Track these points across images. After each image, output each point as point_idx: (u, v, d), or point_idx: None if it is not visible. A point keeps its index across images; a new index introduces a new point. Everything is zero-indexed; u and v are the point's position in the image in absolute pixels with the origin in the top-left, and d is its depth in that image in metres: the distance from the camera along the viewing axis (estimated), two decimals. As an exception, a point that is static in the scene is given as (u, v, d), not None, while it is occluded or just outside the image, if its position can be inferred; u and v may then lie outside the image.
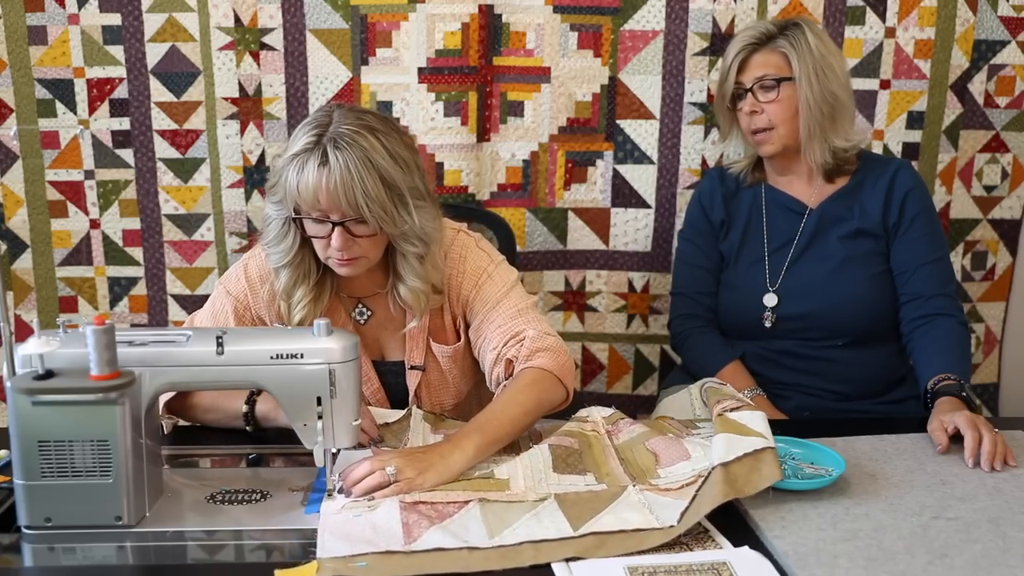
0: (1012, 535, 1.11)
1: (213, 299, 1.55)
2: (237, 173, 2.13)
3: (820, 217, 1.79)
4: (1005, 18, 2.09)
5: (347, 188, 1.31)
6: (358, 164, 1.31)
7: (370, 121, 1.36)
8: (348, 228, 1.36)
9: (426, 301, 1.48)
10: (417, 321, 1.51)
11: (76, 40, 2.06)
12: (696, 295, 1.88)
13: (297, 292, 1.46)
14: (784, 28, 1.75)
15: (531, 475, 1.23)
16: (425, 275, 1.45)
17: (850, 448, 1.35)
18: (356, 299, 1.55)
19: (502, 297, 1.50)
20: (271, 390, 1.20)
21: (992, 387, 2.33)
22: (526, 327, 1.46)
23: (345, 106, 1.40)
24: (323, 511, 1.15)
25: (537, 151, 2.16)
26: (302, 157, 1.33)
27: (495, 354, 1.47)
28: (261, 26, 2.06)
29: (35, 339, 1.11)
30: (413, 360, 1.55)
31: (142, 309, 2.21)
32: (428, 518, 1.12)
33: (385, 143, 1.34)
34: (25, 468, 1.12)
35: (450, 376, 1.57)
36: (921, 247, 1.73)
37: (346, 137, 1.32)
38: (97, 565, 1.10)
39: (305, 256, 1.45)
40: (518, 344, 1.45)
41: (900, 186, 1.75)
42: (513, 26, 2.08)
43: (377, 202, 1.33)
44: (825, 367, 1.76)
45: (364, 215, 1.33)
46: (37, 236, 2.15)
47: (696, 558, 1.05)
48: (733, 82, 1.77)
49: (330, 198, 1.32)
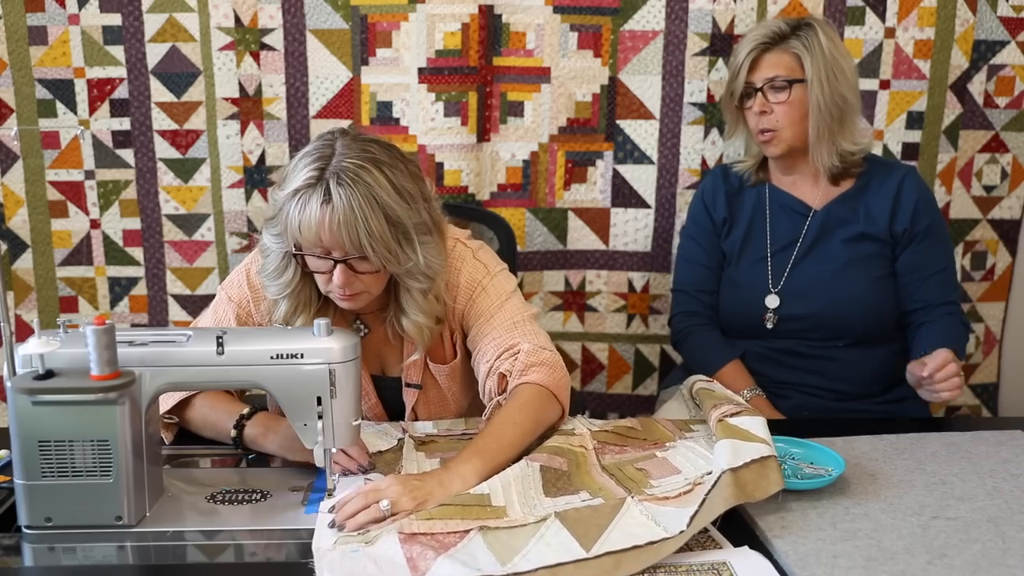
0: (1012, 535, 1.11)
1: (215, 305, 1.52)
2: (237, 173, 2.13)
3: (824, 219, 1.78)
4: (1005, 18, 2.10)
5: (350, 228, 1.26)
6: (362, 202, 1.26)
7: (375, 153, 1.31)
8: (351, 265, 1.32)
9: (429, 335, 1.44)
10: (419, 354, 1.48)
11: (76, 40, 2.06)
12: (696, 292, 1.88)
13: (297, 321, 1.42)
14: (796, 28, 1.73)
15: (525, 501, 1.17)
16: (429, 309, 1.41)
17: (850, 448, 1.35)
18: (355, 315, 1.52)
19: (496, 310, 1.46)
20: (271, 390, 1.20)
21: (992, 387, 2.33)
22: (521, 340, 1.42)
23: (349, 134, 1.34)
24: (315, 547, 1.07)
25: (537, 151, 2.16)
26: (304, 193, 1.27)
27: (488, 367, 1.42)
28: (261, 26, 2.06)
29: (35, 339, 1.11)
30: (410, 379, 1.52)
31: (142, 309, 2.22)
32: (432, 548, 1.04)
33: (390, 177, 1.29)
34: (25, 468, 1.12)
35: (450, 393, 1.55)
36: (931, 256, 1.75)
37: (350, 172, 1.26)
38: (97, 565, 1.10)
39: (305, 287, 1.41)
40: (512, 358, 1.40)
41: (908, 193, 1.75)
42: (513, 26, 2.08)
43: (381, 241, 1.28)
44: (825, 366, 1.77)
45: (367, 254, 1.29)
46: (37, 236, 2.15)
47: (696, 558, 1.05)
48: (743, 81, 1.75)
49: (333, 237, 1.27)
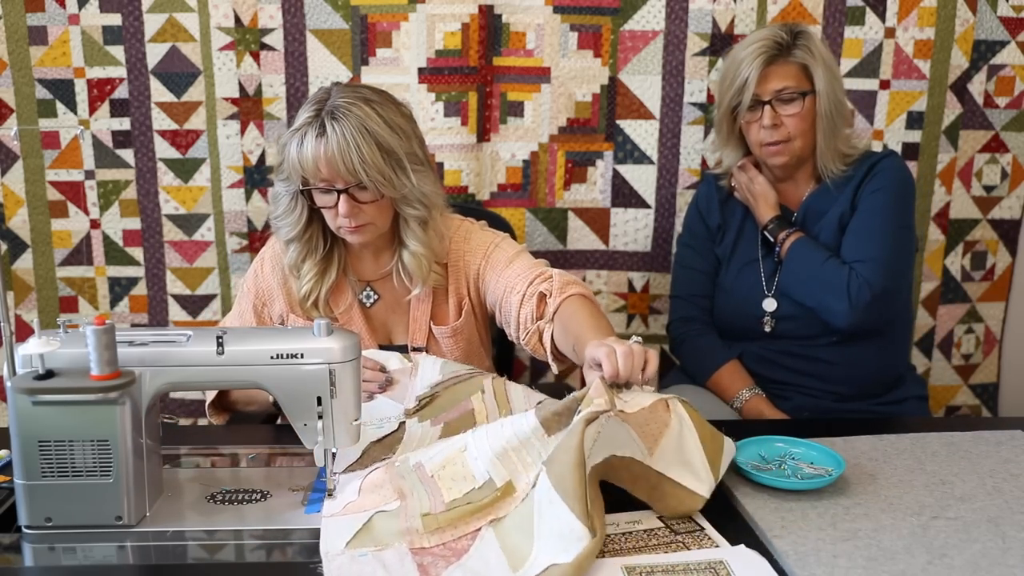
0: (1012, 535, 1.11)
1: (238, 299, 1.66)
2: (237, 173, 2.13)
3: (804, 215, 1.78)
4: (1005, 18, 2.10)
5: (344, 155, 1.39)
6: (354, 132, 1.39)
7: (366, 93, 1.45)
8: (352, 195, 1.43)
9: (428, 267, 1.53)
10: (419, 289, 1.55)
11: (76, 40, 2.06)
12: (692, 298, 1.88)
13: (304, 265, 1.54)
14: (795, 36, 1.70)
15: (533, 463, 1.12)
16: (427, 241, 1.51)
17: (850, 448, 1.35)
18: (365, 282, 1.61)
19: (515, 256, 1.55)
20: (271, 390, 1.20)
21: (992, 387, 2.34)
22: (549, 270, 1.50)
23: (345, 84, 1.49)
24: (324, 550, 1.06)
25: (537, 151, 2.16)
26: (302, 131, 1.42)
27: (521, 296, 1.47)
28: (261, 26, 2.06)
29: (35, 339, 1.11)
30: (415, 342, 1.59)
31: (142, 309, 2.22)
32: (443, 558, 1.04)
33: (380, 112, 1.42)
34: (25, 468, 1.12)
35: (452, 357, 1.58)
36: (868, 218, 1.69)
37: (342, 108, 1.40)
38: (97, 565, 1.10)
39: (313, 231, 1.54)
40: (546, 280, 1.47)
41: (876, 172, 1.72)
42: (513, 26, 2.08)
43: (374, 167, 1.40)
44: (823, 368, 1.76)
45: (363, 180, 1.41)
46: (37, 236, 2.15)
47: (693, 557, 1.05)
48: (751, 94, 1.69)
49: (330, 166, 1.41)
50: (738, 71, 1.71)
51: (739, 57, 1.72)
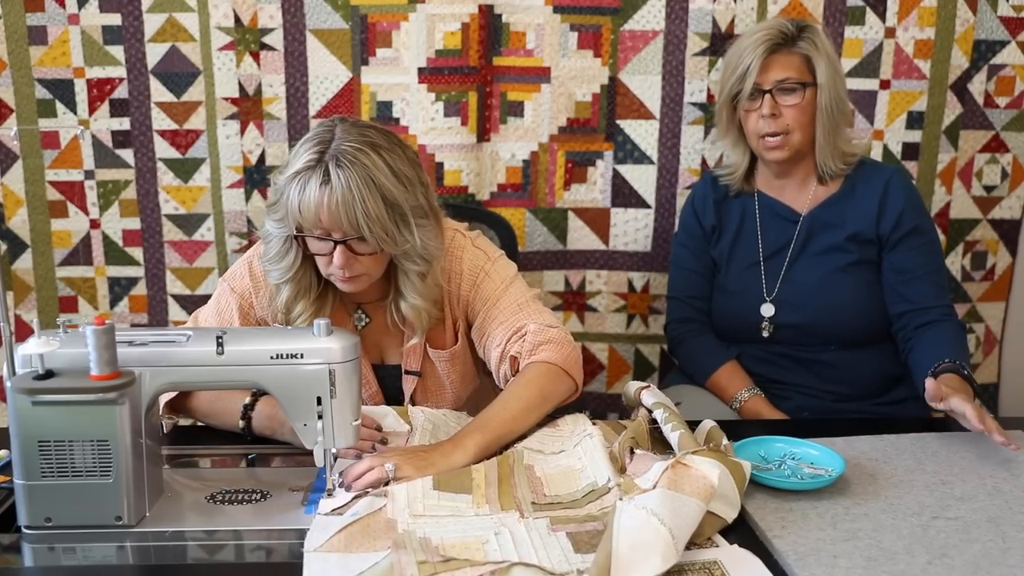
0: (1012, 535, 1.11)
1: (217, 296, 1.54)
2: (237, 173, 2.13)
3: (812, 223, 1.77)
4: (1005, 18, 2.10)
5: (348, 207, 1.30)
6: (360, 183, 1.29)
7: (373, 137, 1.35)
8: (350, 246, 1.35)
9: (427, 319, 1.47)
10: (418, 338, 1.51)
11: (76, 40, 2.06)
12: (689, 299, 1.88)
13: (297, 306, 1.45)
14: (801, 29, 1.70)
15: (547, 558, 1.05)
16: (426, 293, 1.45)
17: (850, 448, 1.35)
18: (356, 304, 1.55)
19: (502, 293, 1.49)
20: (271, 390, 1.20)
21: (992, 387, 2.33)
22: (527, 321, 1.46)
23: (348, 120, 1.38)
24: (306, 549, 1.05)
25: (537, 151, 2.16)
26: (304, 175, 1.32)
27: (499, 351, 1.46)
28: (261, 26, 2.06)
29: (35, 339, 1.11)
30: (409, 365, 1.55)
31: (142, 309, 2.22)
32: None
33: (388, 160, 1.33)
34: (25, 468, 1.12)
35: (448, 381, 1.56)
36: (920, 257, 1.72)
37: (348, 155, 1.30)
38: (97, 565, 1.10)
39: (306, 272, 1.44)
40: (520, 340, 1.44)
41: (895, 193, 1.72)
42: (513, 26, 2.08)
43: (378, 222, 1.32)
44: (823, 369, 1.76)
45: (365, 235, 1.32)
46: (37, 236, 2.15)
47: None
48: (752, 83, 1.69)
49: (331, 217, 1.31)
50: (741, 58, 1.71)
51: (743, 45, 1.73)
